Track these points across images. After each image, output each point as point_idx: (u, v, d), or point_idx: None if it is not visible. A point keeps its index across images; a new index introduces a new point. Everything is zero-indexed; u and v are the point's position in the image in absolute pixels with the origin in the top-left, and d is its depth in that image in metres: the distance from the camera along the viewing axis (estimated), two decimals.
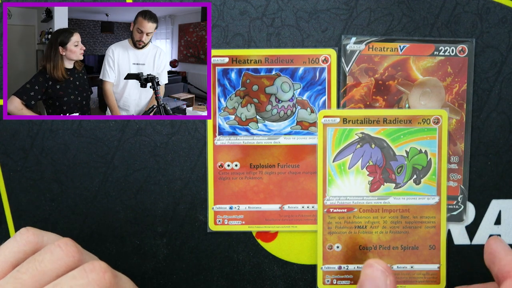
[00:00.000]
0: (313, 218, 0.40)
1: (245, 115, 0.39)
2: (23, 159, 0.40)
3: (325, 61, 0.38)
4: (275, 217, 0.40)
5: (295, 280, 0.41)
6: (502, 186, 0.40)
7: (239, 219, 0.40)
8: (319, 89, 0.38)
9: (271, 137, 0.39)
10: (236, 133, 0.39)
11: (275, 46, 0.39)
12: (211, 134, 0.39)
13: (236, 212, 0.40)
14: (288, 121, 0.39)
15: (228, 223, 0.40)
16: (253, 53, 0.38)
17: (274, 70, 0.38)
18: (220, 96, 0.39)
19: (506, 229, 0.40)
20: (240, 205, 0.39)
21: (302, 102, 0.38)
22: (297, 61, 0.38)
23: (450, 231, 0.41)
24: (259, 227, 0.40)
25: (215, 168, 0.39)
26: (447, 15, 0.39)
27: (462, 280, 0.41)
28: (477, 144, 0.40)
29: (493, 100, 0.39)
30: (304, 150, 0.39)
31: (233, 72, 0.38)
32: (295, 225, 0.40)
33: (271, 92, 0.38)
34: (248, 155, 0.39)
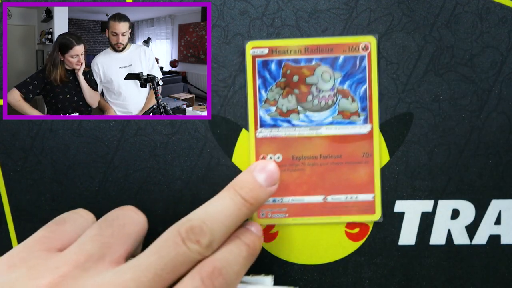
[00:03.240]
0: (356, 209, 0.39)
1: (286, 107, 0.38)
2: (23, 159, 0.40)
3: (365, 48, 0.38)
4: (319, 209, 0.39)
5: (295, 280, 0.41)
6: (502, 186, 0.40)
7: (283, 211, 0.40)
8: (359, 77, 0.38)
9: (313, 127, 0.38)
10: (278, 125, 0.39)
11: None
12: (252, 127, 0.39)
13: (279, 205, 0.40)
14: (330, 111, 0.39)
15: (271, 216, 0.40)
16: (293, 43, 0.38)
17: (314, 60, 0.38)
18: (260, 88, 0.38)
19: (506, 229, 0.40)
20: (283, 197, 0.39)
21: (343, 91, 0.38)
22: (337, 50, 0.38)
23: (450, 231, 0.41)
24: (303, 220, 0.40)
25: (258, 160, 0.39)
26: (447, 15, 0.39)
27: (462, 280, 0.41)
28: (477, 144, 0.40)
29: (493, 100, 0.39)
30: (346, 140, 0.39)
31: (273, 63, 0.38)
32: (338, 216, 0.40)
33: (312, 82, 0.38)
34: (290, 147, 0.39)
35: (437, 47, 0.39)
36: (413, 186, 0.40)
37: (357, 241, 0.41)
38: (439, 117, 0.39)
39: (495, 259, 0.41)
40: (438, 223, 0.40)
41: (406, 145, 0.40)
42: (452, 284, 0.41)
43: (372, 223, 0.40)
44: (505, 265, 0.41)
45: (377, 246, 0.41)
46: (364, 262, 0.41)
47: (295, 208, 0.39)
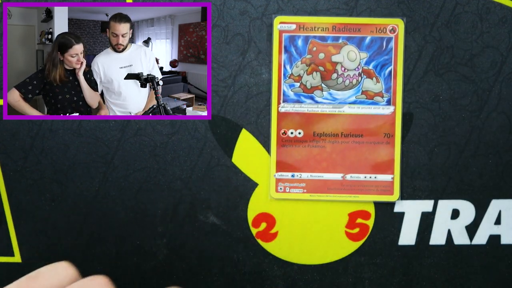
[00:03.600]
0: (375, 188, 0.39)
1: (310, 83, 0.38)
2: (23, 159, 0.40)
3: (392, 31, 0.38)
4: (337, 186, 0.40)
5: (295, 280, 0.41)
6: (502, 186, 0.40)
7: (301, 187, 0.40)
8: (385, 58, 0.38)
9: (336, 105, 0.38)
10: (301, 101, 0.39)
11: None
12: (275, 101, 0.39)
13: (298, 180, 0.40)
14: (353, 90, 0.39)
15: (289, 191, 0.40)
16: (321, 20, 0.38)
17: (341, 39, 0.38)
18: (285, 63, 0.38)
19: (506, 229, 0.40)
20: (302, 173, 0.39)
21: (368, 72, 0.38)
22: (364, 30, 0.38)
23: (450, 231, 0.41)
24: (321, 196, 0.40)
25: (278, 135, 0.39)
26: (447, 15, 0.39)
27: (462, 280, 0.41)
28: (477, 144, 0.40)
29: (493, 100, 0.39)
30: (369, 120, 0.39)
31: (300, 39, 0.38)
32: (356, 195, 0.40)
33: (337, 60, 0.38)
34: (312, 123, 0.39)
35: (437, 47, 0.39)
36: (413, 186, 0.40)
37: (357, 241, 0.41)
38: (439, 117, 0.39)
39: (495, 259, 0.41)
40: (438, 223, 0.40)
41: (406, 145, 0.40)
42: (452, 284, 0.41)
43: (372, 223, 0.40)
44: (505, 265, 0.41)
45: (377, 246, 0.41)
46: (364, 262, 0.41)
47: (313, 184, 0.40)
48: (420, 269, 0.41)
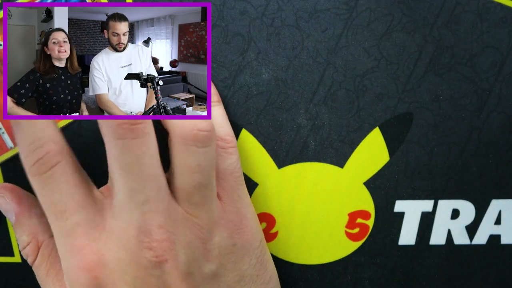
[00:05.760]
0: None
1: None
2: None
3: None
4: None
5: (295, 280, 0.41)
6: (502, 186, 0.40)
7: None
8: None
9: None
10: None
11: (275, 46, 0.39)
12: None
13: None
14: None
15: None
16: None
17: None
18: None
19: (506, 229, 0.40)
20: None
21: None
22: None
23: (450, 230, 0.41)
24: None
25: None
26: (447, 15, 0.39)
27: (462, 280, 0.41)
28: (477, 144, 0.40)
29: (493, 100, 0.39)
30: None
31: None
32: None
33: None
34: None
35: (437, 47, 0.39)
36: (413, 186, 0.40)
37: (357, 241, 0.41)
38: (439, 117, 0.39)
39: (495, 259, 0.41)
40: (438, 223, 0.40)
41: (406, 145, 0.40)
42: (452, 284, 0.41)
43: (372, 223, 0.40)
44: (505, 265, 0.41)
45: (377, 246, 0.41)
46: (364, 262, 0.41)
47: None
48: (420, 269, 0.41)
